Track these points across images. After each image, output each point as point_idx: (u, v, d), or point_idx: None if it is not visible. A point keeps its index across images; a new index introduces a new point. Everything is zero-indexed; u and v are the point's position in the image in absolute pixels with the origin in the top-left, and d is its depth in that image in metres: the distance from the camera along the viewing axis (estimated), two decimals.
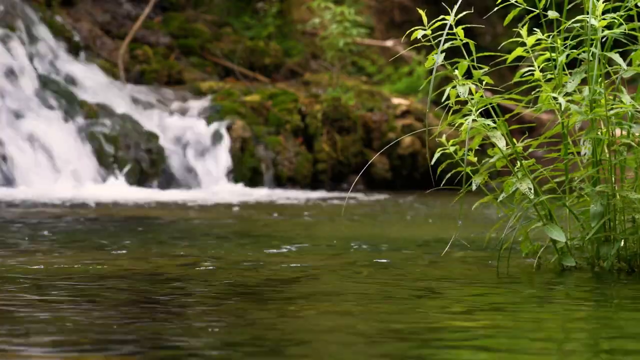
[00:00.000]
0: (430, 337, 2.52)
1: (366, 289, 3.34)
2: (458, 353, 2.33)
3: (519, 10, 3.85)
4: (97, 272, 3.69)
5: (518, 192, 3.76)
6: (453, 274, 3.76)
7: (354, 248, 4.75)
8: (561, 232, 3.71)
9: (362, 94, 12.91)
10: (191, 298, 3.13)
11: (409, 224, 6.80)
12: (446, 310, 2.95)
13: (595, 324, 2.77)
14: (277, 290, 3.31)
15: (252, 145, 11.52)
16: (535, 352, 2.34)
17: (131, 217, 6.99)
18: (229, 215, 7.50)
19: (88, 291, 3.22)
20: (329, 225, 6.54)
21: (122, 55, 12.64)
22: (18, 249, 4.54)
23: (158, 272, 3.70)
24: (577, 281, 3.58)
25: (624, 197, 3.71)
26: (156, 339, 2.46)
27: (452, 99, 3.76)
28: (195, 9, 14.35)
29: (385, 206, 9.00)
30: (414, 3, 15.15)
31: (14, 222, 6.20)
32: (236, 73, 13.49)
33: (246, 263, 4.02)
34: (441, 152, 3.77)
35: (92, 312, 2.83)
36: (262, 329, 2.58)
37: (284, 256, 4.30)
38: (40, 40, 11.82)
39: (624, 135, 3.81)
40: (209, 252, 4.41)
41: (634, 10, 3.82)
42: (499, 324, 2.69)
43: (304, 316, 2.81)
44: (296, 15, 14.89)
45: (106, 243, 4.88)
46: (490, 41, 14.64)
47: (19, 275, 3.55)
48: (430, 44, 3.76)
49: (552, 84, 3.81)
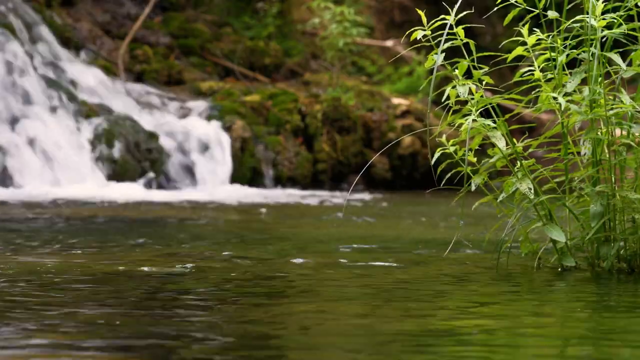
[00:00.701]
0: (430, 337, 2.52)
1: (366, 289, 3.34)
2: (458, 353, 2.33)
3: (519, 10, 3.85)
4: (98, 272, 3.68)
5: (518, 192, 3.76)
6: (453, 273, 3.76)
7: (354, 248, 4.75)
8: (561, 232, 3.71)
9: (362, 94, 12.91)
10: (191, 297, 3.13)
11: (409, 224, 6.80)
12: (446, 310, 2.95)
13: (595, 324, 2.77)
14: (277, 290, 3.31)
15: (252, 145, 11.52)
16: (535, 352, 2.34)
17: (131, 217, 6.99)
18: (229, 216, 7.50)
19: (88, 291, 3.22)
20: (327, 225, 6.54)
21: (122, 55, 12.64)
22: (18, 249, 4.54)
23: (158, 272, 3.70)
24: (577, 281, 3.58)
25: (624, 197, 3.71)
26: (156, 339, 2.46)
27: (452, 99, 3.76)
28: (195, 9, 14.36)
29: (385, 206, 8.99)
30: (414, 3, 15.15)
31: (14, 222, 6.19)
32: (236, 73, 13.49)
33: (246, 263, 4.02)
34: (441, 152, 3.77)
35: (92, 313, 2.83)
36: (263, 329, 2.58)
37: (284, 256, 4.30)
38: (40, 40, 11.82)
39: (624, 135, 3.81)
40: (209, 252, 4.41)
41: (634, 10, 3.82)
42: (499, 324, 2.69)
43: (304, 316, 2.81)
44: (296, 15, 14.89)
45: (106, 243, 4.88)
46: (490, 41, 14.64)
47: (20, 275, 3.55)
48: (430, 44, 3.76)
49: (552, 84, 3.81)
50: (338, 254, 4.43)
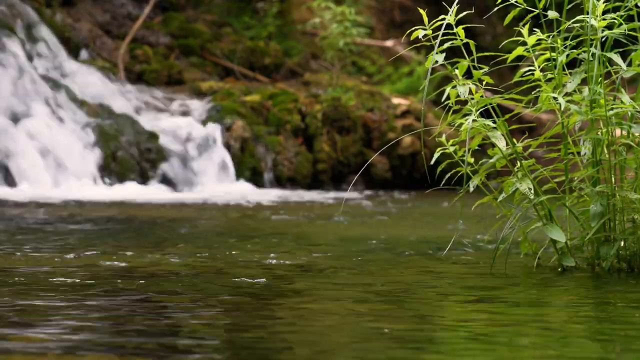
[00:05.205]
0: (429, 337, 2.52)
1: (366, 290, 3.34)
2: (457, 353, 2.33)
3: (519, 10, 3.85)
4: (97, 272, 3.69)
5: (518, 192, 3.76)
6: (452, 273, 3.76)
7: (353, 248, 4.75)
8: (561, 232, 3.71)
9: (362, 94, 12.91)
10: (192, 298, 3.13)
11: (409, 224, 6.80)
12: (445, 310, 2.95)
13: (595, 324, 2.77)
14: (277, 290, 3.31)
15: (252, 145, 11.52)
16: (534, 352, 2.34)
17: (131, 216, 6.99)
18: (229, 215, 7.50)
19: (88, 291, 3.22)
20: (327, 225, 6.54)
21: (122, 55, 12.64)
22: (19, 248, 4.54)
23: (158, 272, 3.70)
24: (577, 281, 3.58)
25: (624, 197, 3.71)
26: (156, 339, 2.46)
27: (452, 99, 3.76)
28: (195, 9, 14.36)
29: (385, 206, 8.99)
30: (414, 3, 15.15)
31: (14, 222, 6.20)
32: (236, 73, 13.49)
33: (247, 263, 4.02)
34: (440, 152, 3.77)
35: (93, 312, 2.83)
36: (264, 329, 2.58)
37: (284, 256, 4.30)
38: (40, 40, 11.82)
39: (624, 135, 3.81)
40: (209, 252, 4.41)
41: (634, 10, 3.82)
42: (498, 324, 2.69)
43: (304, 316, 2.81)
44: (296, 15, 14.89)
45: (106, 243, 4.88)
46: (490, 41, 14.64)
47: (20, 275, 3.55)
48: (430, 43, 3.76)
49: (552, 84, 3.81)
50: (338, 254, 4.43)
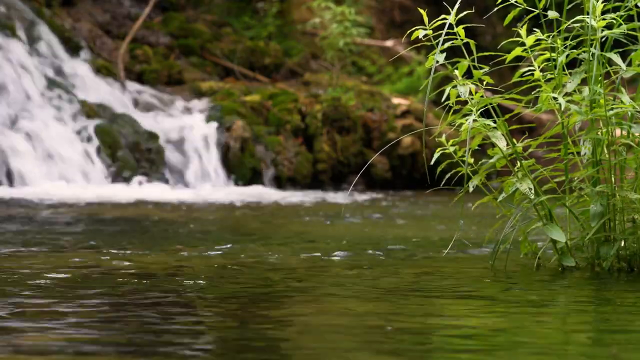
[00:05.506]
0: (430, 337, 2.52)
1: (365, 289, 3.34)
2: (457, 352, 2.33)
3: (519, 10, 3.84)
4: (97, 271, 3.69)
5: (518, 192, 3.76)
6: (452, 273, 3.76)
7: (353, 248, 4.75)
8: (561, 232, 3.71)
9: (362, 94, 12.91)
10: (192, 298, 3.13)
11: (409, 224, 6.80)
12: (445, 310, 2.95)
13: (595, 324, 2.77)
14: (278, 290, 3.31)
15: (252, 145, 11.52)
16: (534, 352, 2.34)
17: (131, 216, 6.99)
18: (229, 215, 7.50)
19: (88, 291, 3.22)
20: (328, 225, 6.54)
21: (122, 55, 12.64)
22: (19, 248, 4.54)
23: (158, 272, 3.70)
24: (577, 281, 3.58)
25: (624, 197, 3.71)
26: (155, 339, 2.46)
27: (452, 99, 3.76)
28: (195, 9, 14.36)
29: (385, 206, 8.99)
30: (414, 3, 15.15)
31: (13, 222, 6.20)
32: (236, 73, 13.49)
33: (247, 262, 4.02)
34: (440, 152, 3.77)
35: (93, 312, 2.83)
36: (265, 329, 2.58)
37: (284, 255, 4.30)
38: (40, 40, 11.82)
39: (624, 135, 3.81)
40: (209, 252, 4.41)
41: (634, 10, 3.82)
42: (498, 324, 2.69)
43: (306, 314, 2.81)
44: (296, 15, 14.89)
45: (105, 242, 4.88)
46: (490, 41, 14.64)
47: (20, 275, 3.55)
48: (430, 43, 3.76)
49: (552, 84, 3.81)
50: (337, 254, 4.43)
